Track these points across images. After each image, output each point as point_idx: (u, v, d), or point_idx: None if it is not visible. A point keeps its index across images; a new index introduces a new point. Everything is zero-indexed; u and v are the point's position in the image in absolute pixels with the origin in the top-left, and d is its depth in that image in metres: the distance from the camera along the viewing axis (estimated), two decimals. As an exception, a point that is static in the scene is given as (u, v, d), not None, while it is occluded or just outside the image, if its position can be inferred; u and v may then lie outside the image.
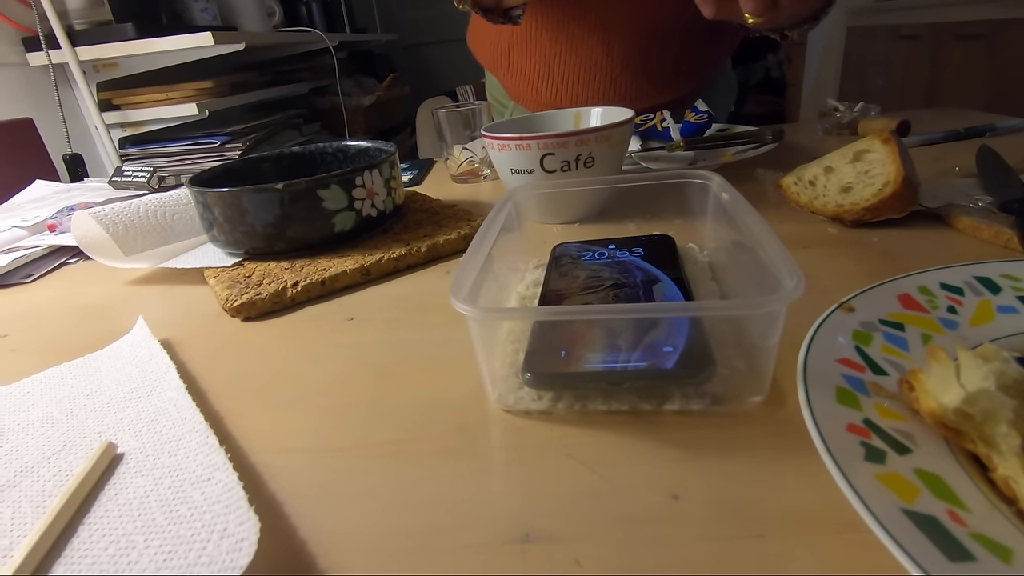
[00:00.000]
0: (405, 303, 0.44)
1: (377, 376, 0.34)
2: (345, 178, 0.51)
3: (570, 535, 0.22)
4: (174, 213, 0.57)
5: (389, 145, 0.60)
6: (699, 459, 0.25)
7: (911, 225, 0.47)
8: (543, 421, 0.29)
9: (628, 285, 0.36)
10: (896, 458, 0.21)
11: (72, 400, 0.35)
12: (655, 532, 0.22)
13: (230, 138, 1.27)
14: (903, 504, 0.18)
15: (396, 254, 0.50)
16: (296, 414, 0.32)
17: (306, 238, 0.51)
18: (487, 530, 0.23)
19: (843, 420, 0.22)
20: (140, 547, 0.23)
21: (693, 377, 0.28)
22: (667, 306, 0.27)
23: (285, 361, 0.37)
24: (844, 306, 0.30)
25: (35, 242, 0.65)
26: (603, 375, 0.29)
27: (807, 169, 0.50)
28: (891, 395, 0.24)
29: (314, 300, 0.46)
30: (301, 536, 0.23)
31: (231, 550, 0.22)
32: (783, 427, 0.26)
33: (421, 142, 1.74)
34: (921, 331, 0.28)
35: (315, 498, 0.25)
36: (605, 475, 0.25)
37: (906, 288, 0.31)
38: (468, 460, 0.27)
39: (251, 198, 0.49)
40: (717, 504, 0.23)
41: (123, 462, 0.29)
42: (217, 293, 0.46)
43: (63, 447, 0.30)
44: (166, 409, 0.32)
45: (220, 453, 0.27)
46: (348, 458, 0.28)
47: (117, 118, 1.24)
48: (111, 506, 0.26)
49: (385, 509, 0.24)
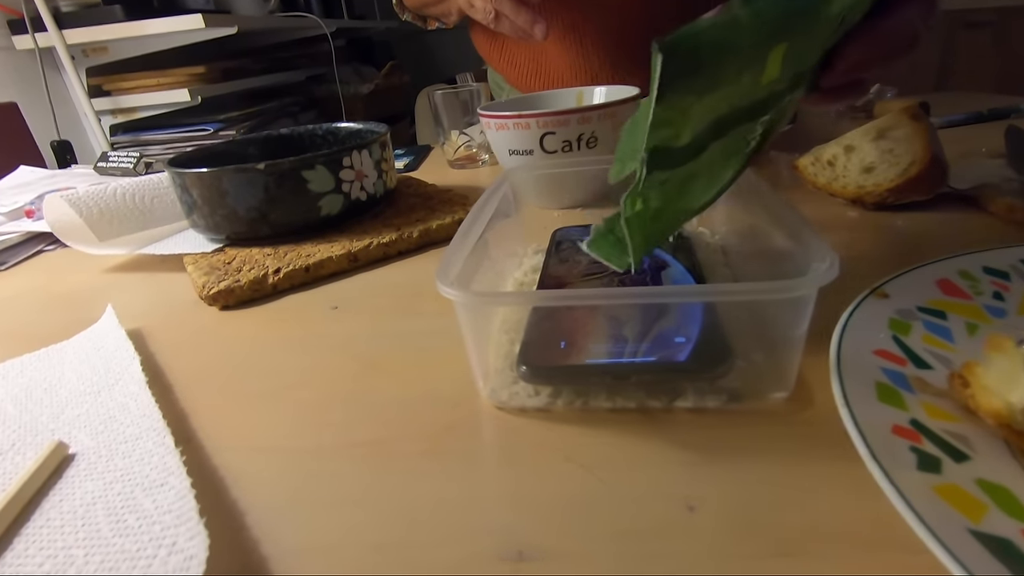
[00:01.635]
0: (394, 291, 0.41)
1: (361, 369, 0.31)
2: (332, 159, 0.48)
3: (569, 552, 0.19)
4: (153, 196, 0.54)
5: (380, 125, 0.57)
6: (716, 464, 0.22)
7: (938, 208, 0.43)
8: (540, 419, 0.26)
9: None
10: (953, 466, 0.17)
11: (28, 394, 0.32)
12: (667, 548, 0.19)
13: (223, 125, 1.24)
14: (970, 524, 0.15)
15: (386, 239, 0.47)
16: (268, 410, 0.29)
17: (291, 222, 0.48)
18: (474, 546, 0.20)
19: (887, 421, 0.19)
20: (79, 562, 0.20)
21: (708, 371, 0.25)
22: (681, 290, 0.24)
23: (261, 352, 0.34)
24: (877, 292, 0.27)
25: (12, 228, 0.62)
26: (607, 368, 0.26)
27: (825, 149, 0.47)
28: (938, 392, 0.21)
29: (297, 288, 0.43)
30: (262, 552, 0.20)
31: (178, 568, 0.19)
32: (811, 428, 0.23)
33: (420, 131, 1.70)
34: (965, 319, 0.25)
35: (282, 507, 0.22)
36: (609, 481, 0.22)
37: (945, 272, 0.28)
38: (456, 463, 0.24)
39: (231, 179, 0.46)
40: (737, 517, 0.20)
41: (73, 464, 0.26)
42: (194, 280, 0.43)
43: (12, 446, 0.28)
44: (126, 405, 0.29)
45: (175, 455, 0.24)
46: (323, 460, 0.25)
47: (107, 104, 1.21)
48: (54, 514, 0.23)
49: (361, 520, 0.21)
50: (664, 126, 0.22)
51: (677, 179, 0.26)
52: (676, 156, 0.24)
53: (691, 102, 0.22)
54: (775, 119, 0.27)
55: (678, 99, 0.21)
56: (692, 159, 0.25)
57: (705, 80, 0.21)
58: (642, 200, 0.25)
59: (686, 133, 0.23)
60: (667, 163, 0.24)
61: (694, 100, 0.22)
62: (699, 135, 0.24)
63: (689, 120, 0.23)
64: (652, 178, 0.24)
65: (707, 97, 0.22)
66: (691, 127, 0.23)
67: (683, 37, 0.20)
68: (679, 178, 0.26)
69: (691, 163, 0.25)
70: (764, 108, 0.26)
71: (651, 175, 0.24)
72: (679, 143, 0.23)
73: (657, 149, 0.23)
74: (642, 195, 0.25)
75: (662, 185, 0.25)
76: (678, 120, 0.22)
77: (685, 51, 0.20)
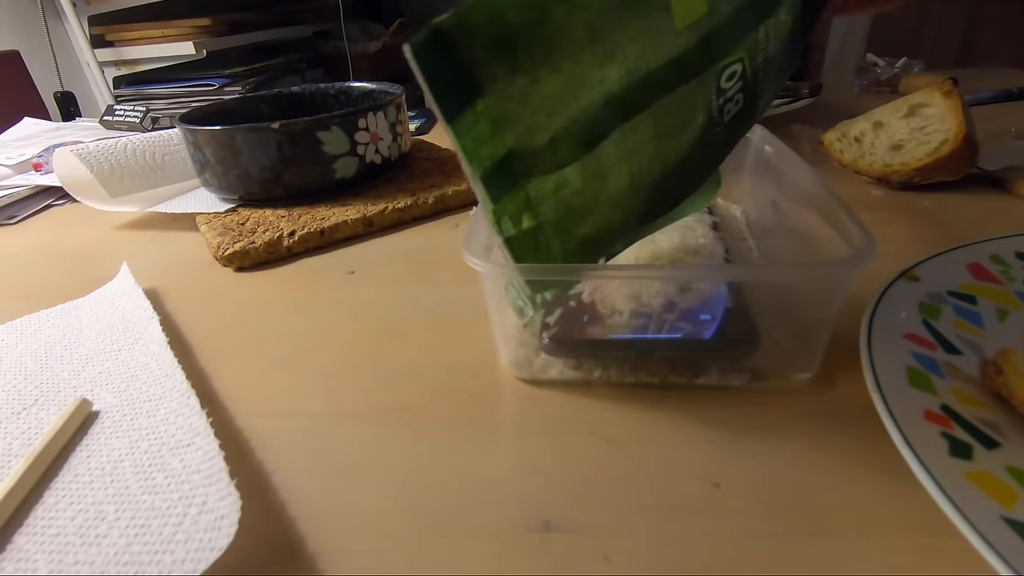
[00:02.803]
0: (410, 257, 0.41)
1: (380, 336, 0.31)
2: (347, 119, 0.46)
3: (596, 525, 0.19)
4: (164, 154, 0.53)
5: (395, 87, 0.55)
6: (741, 441, 0.22)
7: (965, 189, 0.43)
8: (563, 392, 0.26)
9: (657, 244, 0.33)
10: (984, 453, 0.18)
11: (48, 350, 0.32)
12: (693, 525, 0.19)
13: (229, 81, 1.21)
14: (1002, 511, 0.15)
15: (401, 204, 0.46)
16: (289, 374, 0.29)
17: (305, 184, 0.47)
18: (501, 515, 0.20)
19: (918, 406, 0.19)
20: (111, 518, 0.21)
21: (733, 350, 0.25)
22: (713, 268, 0.24)
23: (279, 316, 0.34)
24: (907, 274, 0.26)
25: (20, 181, 0.61)
26: (631, 344, 0.26)
27: (853, 124, 0.46)
28: (969, 378, 0.21)
29: (312, 251, 0.43)
30: (290, 513, 0.21)
31: (210, 528, 0.19)
32: (836, 408, 0.23)
33: (429, 92, 1.66)
34: (996, 305, 0.25)
35: (307, 470, 0.23)
36: (634, 457, 0.22)
37: (976, 256, 0.28)
38: (480, 433, 0.24)
39: (245, 138, 0.45)
40: (763, 494, 0.20)
41: (98, 421, 0.26)
42: (208, 240, 0.43)
43: (35, 401, 0.28)
44: (147, 364, 0.29)
45: (201, 416, 0.24)
46: (346, 425, 0.25)
47: (110, 55, 1.17)
48: (82, 470, 0.23)
49: (385, 485, 0.22)
50: (500, 129, 0.18)
51: (575, 179, 0.20)
52: (547, 156, 0.19)
53: (526, 88, 0.17)
54: (751, 57, 0.21)
55: (501, 91, 0.17)
56: (580, 151, 0.19)
57: (536, 55, 0.17)
58: (531, 216, 0.20)
59: (542, 126, 0.18)
60: (540, 167, 0.19)
61: (528, 85, 0.17)
62: (577, 119, 0.19)
63: (540, 110, 0.18)
64: (534, 186, 0.19)
65: (554, 77, 0.18)
66: (548, 117, 0.18)
67: (472, 11, 0.16)
68: (582, 176, 0.20)
69: (587, 155, 0.20)
70: (708, 55, 0.20)
71: (524, 182, 0.19)
72: (539, 141, 0.19)
73: (512, 153, 0.18)
74: (529, 210, 0.20)
75: (556, 192, 0.20)
76: (518, 116, 0.18)
77: (477, 30, 0.16)
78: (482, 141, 0.18)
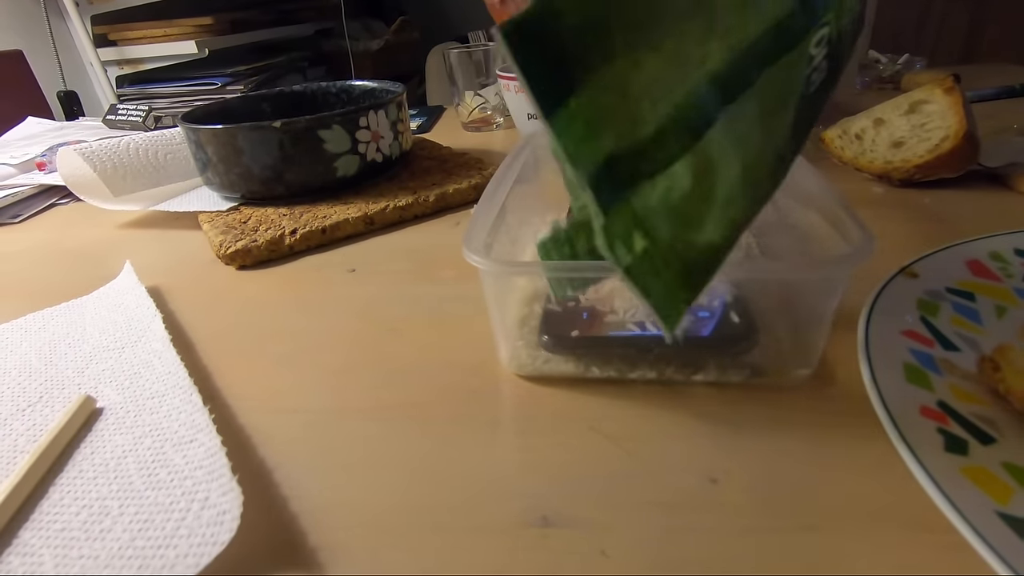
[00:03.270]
0: (411, 256, 0.41)
1: (381, 333, 0.32)
2: (348, 118, 0.47)
3: (594, 521, 0.19)
4: (167, 152, 0.54)
5: (396, 85, 0.56)
6: (738, 437, 0.22)
7: (966, 186, 0.43)
8: (562, 389, 0.26)
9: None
10: (980, 449, 0.18)
11: (53, 348, 0.32)
12: (691, 520, 0.19)
13: (231, 79, 1.21)
14: (996, 506, 0.15)
15: (402, 203, 0.46)
16: (291, 371, 0.29)
17: (306, 182, 0.48)
18: (500, 510, 0.20)
19: (915, 402, 0.19)
20: (115, 513, 0.21)
21: (733, 346, 0.25)
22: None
23: (281, 314, 0.35)
24: (906, 271, 0.26)
25: (24, 180, 0.62)
26: (629, 341, 0.26)
27: (854, 121, 0.46)
28: (966, 374, 0.21)
29: (314, 249, 0.43)
30: (291, 509, 0.21)
31: (212, 522, 0.19)
32: (834, 405, 0.23)
33: (431, 90, 1.66)
34: (995, 302, 0.25)
35: (309, 466, 0.23)
36: (633, 452, 0.22)
37: (975, 253, 0.28)
38: (479, 430, 0.24)
39: (247, 137, 0.45)
40: (761, 490, 0.20)
41: (102, 417, 0.26)
42: (211, 239, 0.43)
43: (39, 399, 0.28)
44: (150, 361, 0.29)
45: (204, 413, 0.24)
46: (347, 422, 0.25)
47: (113, 54, 1.18)
48: (86, 466, 0.23)
49: (386, 481, 0.22)
50: (598, 129, 0.15)
51: (685, 178, 0.17)
52: (652, 152, 0.16)
53: (625, 75, 0.15)
54: (837, 17, 0.19)
55: (597, 82, 0.15)
56: (690, 141, 0.17)
57: (634, 35, 0.15)
58: (642, 234, 0.16)
59: (646, 117, 0.16)
60: (646, 167, 0.16)
61: (628, 70, 0.15)
62: (683, 106, 0.16)
63: (644, 97, 0.16)
64: (639, 197, 0.16)
65: (655, 58, 0.15)
66: (653, 105, 0.16)
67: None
68: (693, 172, 0.17)
69: (695, 147, 0.17)
70: (808, 15, 0.18)
71: (628, 194, 0.16)
72: (643, 134, 0.16)
73: (614, 157, 0.16)
74: (638, 227, 0.16)
75: (665, 197, 0.17)
76: (618, 110, 0.15)
77: (565, 13, 0.14)
78: (581, 142, 0.15)
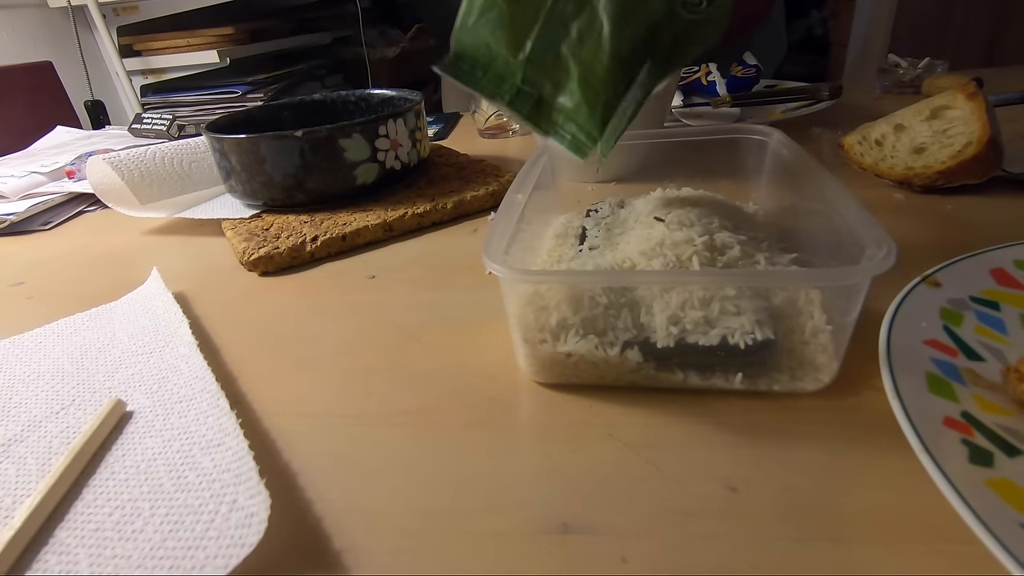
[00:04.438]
0: (429, 262, 0.42)
1: (401, 339, 0.32)
2: (368, 127, 0.47)
3: (614, 527, 0.20)
4: (191, 161, 0.55)
5: (414, 93, 0.56)
6: (758, 446, 0.22)
7: (989, 192, 0.42)
8: (580, 396, 0.26)
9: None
10: (1005, 461, 0.17)
11: (84, 352, 0.33)
12: (711, 528, 0.19)
13: (251, 88, 1.24)
14: (1020, 517, 0.15)
15: (420, 210, 0.47)
16: (314, 376, 0.30)
17: (326, 190, 0.48)
18: (520, 516, 0.20)
19: (938, 413, 0.19)
20: (146, 514, 0.22)
21: (752, 354, 0.25)
22: (730, 273, 0.24)
23: (302, 319, 0.35)
24: (928, 280, 0.26)
25: (54, 188, 0.64)
26: (649, 349, 0.26)
27: (874, 127, 0.46)
28: (991, 385, 0.21)
29: (334, 256, 0.44)
30: (316, 511, 0.21)
31: (240, 525, 0.20)
32: (855, 414, 0.23)
33: (446, 97, 1.67)
34: (1020, 311, 0.25)
35: (332, 469, 0.23)
36: (652, 460, 0.22)
37: (1000, 261, 0.27)
38: (498, 435, 0.24)
39: (269, 146, 0.46)
40: (781, 499, 0.20)
41: (132, 421, 0.27)
42: (234, 246, 0.44)
43: (72, 402, 0.29)
44: (177, 366, 0.30)
45: (231, 417, 0.25)
46: (369, 426, 0.26)
47: (138, 64, 1.21)
48: (118, 468, 0.24)
49: (407, 485, 0.22)
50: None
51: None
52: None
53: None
54: None
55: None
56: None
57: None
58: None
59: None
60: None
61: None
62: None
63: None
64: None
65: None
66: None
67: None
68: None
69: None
70: None
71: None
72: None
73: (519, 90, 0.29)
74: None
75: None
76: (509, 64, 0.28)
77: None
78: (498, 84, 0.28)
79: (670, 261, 0.28)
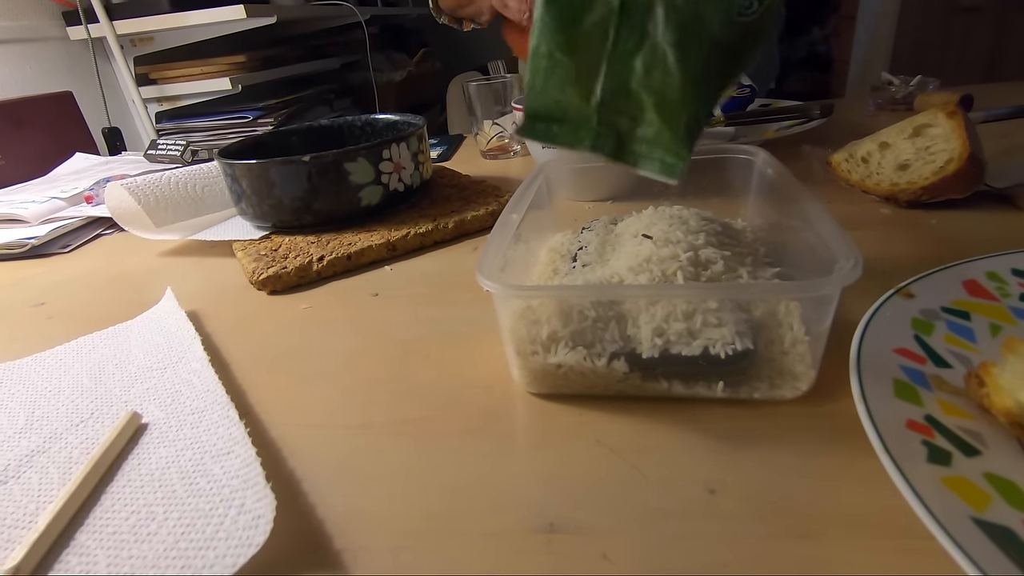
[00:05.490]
0: (431, 280, 0.43)
1: (402, 353, 0.34)
2: (372, 151, 0.50)
3: (597, 527, 0.21)
4: (204, 185, 0.57)
5: (417, 118, 0.59)
6: (737, 451, 0.23)
7: (973, 207, 0.43)
8: (571, 405, 0.27)
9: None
10: (963, 460, 0.19)
11: (102, 368, 0.35)
12: (689, 528, 0.20)
13: (262, 113, 1.28)
14: (973, 512, 0.16)
15: (423, 230, 0.49)
16: (318, 389, 0.31)
17: (333, 212, 0.50)
18: (510, 517, 0.22)
19: (902, 416, 0.20)
20: (160, 518, 0.23)
21: (733, 364, 0.26)
22: (710, 287, 0.25)
23: (309, 335, 0.37)
24: (902, 291, 0.27)
25: (73, 213, 0.66)
26: (635, 360, 0.27)
27: (860, 145, 0.47)
28: (956, 390, 0.22)
29: (340, 275, 0.46)
30: (319, 515, 0.23)
31: (248, 526, 0.21)
32: (830, 420, 0.24)
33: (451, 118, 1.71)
34: (990, 320, 0.26)
35: (334, 476, 0.25)
36: (636, 464, 0.23)
37: (972, 273, 0.29)
38: (492, 443, 0.26)
39: (278, 170, 0.48)
40: (757, 500, 0.21)
41: (147, 432, 0.29)
42: (244, 266, 0.46)
43: (91, 415, 0.31)
44: (190, 380, 0.32)
45: (240, 427, 0.26)
46: (369, 436, 0.27)
47: (153, 92, 1.25)
48: (134, 476, 0.26)
49: (405, 490, 0.24)
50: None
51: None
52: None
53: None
54: None
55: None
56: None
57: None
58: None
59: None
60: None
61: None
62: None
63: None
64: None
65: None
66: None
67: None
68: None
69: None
70: None
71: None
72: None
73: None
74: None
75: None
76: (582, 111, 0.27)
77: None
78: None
79: (656, 276, 0.30)
